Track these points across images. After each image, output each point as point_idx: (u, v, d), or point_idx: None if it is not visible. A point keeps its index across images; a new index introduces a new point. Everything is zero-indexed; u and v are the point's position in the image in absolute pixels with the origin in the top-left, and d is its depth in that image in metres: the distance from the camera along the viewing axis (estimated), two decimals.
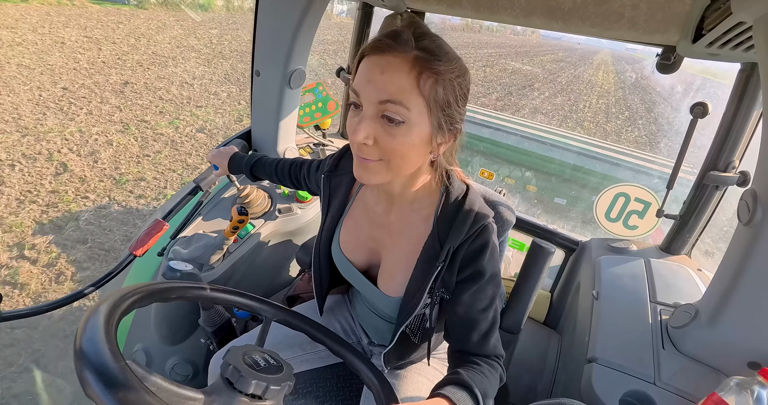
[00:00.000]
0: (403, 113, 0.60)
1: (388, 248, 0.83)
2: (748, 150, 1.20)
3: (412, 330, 0.83)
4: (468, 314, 0.75)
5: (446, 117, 0.64)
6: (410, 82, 0.59)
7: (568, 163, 3.57)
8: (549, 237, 1.66)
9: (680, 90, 23.32)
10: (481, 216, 0.72)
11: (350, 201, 0.89)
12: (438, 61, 0.60)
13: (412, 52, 0.59)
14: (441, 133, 0.65)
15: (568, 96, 13.20)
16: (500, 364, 0.76)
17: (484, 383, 0.68)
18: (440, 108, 0.62)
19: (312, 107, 1.70)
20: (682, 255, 1.39)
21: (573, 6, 0.96)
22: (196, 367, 1.29)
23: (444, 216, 0.74)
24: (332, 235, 0.90)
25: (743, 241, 0.84)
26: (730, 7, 0.71)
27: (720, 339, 0.89)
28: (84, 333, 0.45)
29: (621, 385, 0.88)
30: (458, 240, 0.71)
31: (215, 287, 0.75)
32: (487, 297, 0.75)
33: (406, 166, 0.66)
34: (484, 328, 0.75)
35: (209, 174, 1.26)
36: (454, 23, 42.89)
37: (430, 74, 0.60)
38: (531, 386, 1.42)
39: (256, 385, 0.50)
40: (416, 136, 0.63)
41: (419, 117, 0.61)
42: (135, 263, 1.26)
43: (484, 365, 0.73)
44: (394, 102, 0.59)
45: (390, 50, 0.59)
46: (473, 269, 0.73)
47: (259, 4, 1.25)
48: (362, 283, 0.87)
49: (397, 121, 0.60)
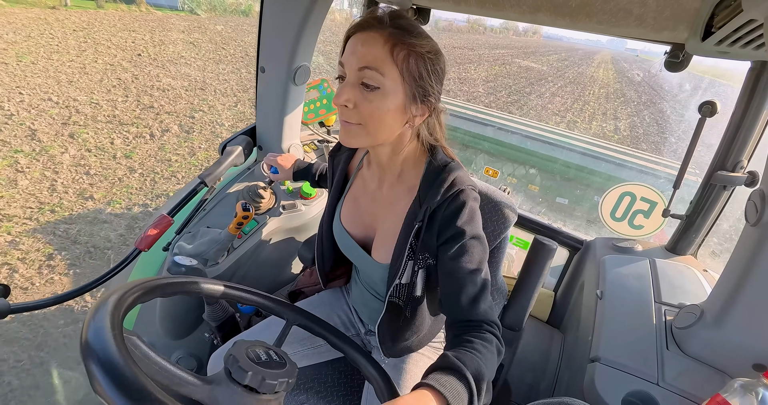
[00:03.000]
0: (379, 79, 0.69)
1: (381, 220, 0.88)
2: (756, 150, 1.18)
3: (402, 300, 0.85)
4: (454, 277, 0.75)
5: (419, 88, 0.72)
6: (385, 52, 0.68)
7: (572, 163, 3.55)
8: (553, 236, 1.66)
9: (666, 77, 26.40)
10: (459, 181, 0.77)
11: (351, 179, 0.95)
12: (410, 36, 0.69)
13: (387, 29, 0.69)
14: (415, 103, 0.73)
15: (575, 86, 15.97)
16: (495, 334, 0.72)
17: (475, 362, 0.62)
18: (413, 78, 0.70)
19: (317, 104, 1.70)
20: (687, 255, 1.38)
21: (580, 3, 0.94)
22: (200, 361, 1.30)
23: (425, 181, 0.79)
24: (334, 211, 0.96)
25: (750, 242, 0.83)
26: (740, 4, 0.69)
27: (725, 340, 0.88)
28: (90, 326, 0.45)
29: (624, 385, 0.88)
30: (435, 201, 0.75)
31: (221, 283, 0.75)
32: (473, 260, 0.75)
33: (382, 131, 0.74)
34: (473, 291, 0.74)
35: (214, 170, 1.26)
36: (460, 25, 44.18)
37: (402, 47, 0.69)
38: (533, 385, 1.42)
39: (252, 376, 0.50)
40: (390, 103, 0.71)
41: (393, 84, 0.70)
42: (140, 258, 1.27)
43: (477, 341, 0.68)
44: (371, 68, 0.68)
45: (369, 27, 0.70)
46: (452, 230, 0.75)
47: (265, 0, 1.25)
48: (358, 254, 0.92)
49: (372, 86, 0.69)
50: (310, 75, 1.43)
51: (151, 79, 6.74)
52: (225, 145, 1.42)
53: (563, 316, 1.64)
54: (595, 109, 11.85)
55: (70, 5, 13.07)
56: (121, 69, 7.06)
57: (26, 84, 5.61)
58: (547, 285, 1.80)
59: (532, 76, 16.61)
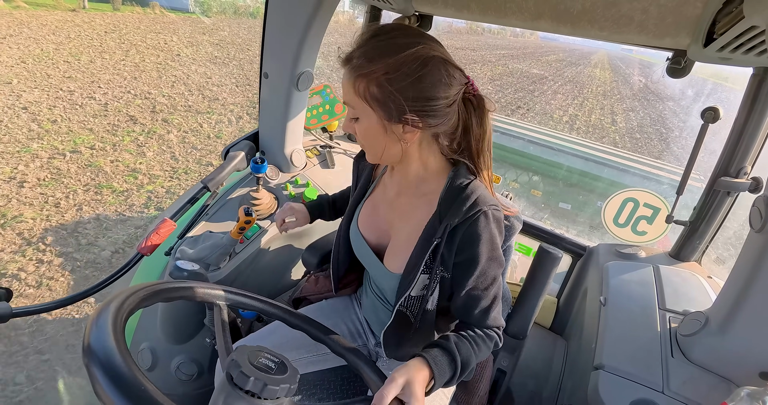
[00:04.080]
0: (354, 112, 0.78)
1: (396, 229, 0.89)
2: (760, 156, 1.18)
3: (411, 312, 0.85)
4: (470, 294, 0.80)
5: (388, 109, 0.74)
6: (351, 88, 0.75)
7: (574, 169, 3.55)
8: (556, 242, 1.65)
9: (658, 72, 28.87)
10: (482, 201, 0.77)
11: (372, 184, 0.98)
12: (367, 65, 0.72)
13: (350, 66, 0.74)
14: (391, 122, 0.75)
15: (575, 85, 17.17)
16: (498, 334, 0.83)
17: (469, 351, 0.76)
18: (379, 103, 0.74)
19: (319, 109, 1.70)
20: (692, 262, 1.37)
21: (582, 9, 0.95)
22: (201, 366, 1.30)
23: (446, 197, 0.79)
24: (353, 215, 0.98)
25: (755, 249, 0.83)
26: (742, 10, 0.70)
27: (731, 348, 0.88)
28: (92, 330, 0.46)
29: (628, 393, 0.87)
30: (456, 219, 0.76)
31: (224, 288, 0.75)
32: (488, 278, 0.80)
33: (379, 152, 0.81)
34: (485, 304, 0.80)
35: (216, 175, 1.27)
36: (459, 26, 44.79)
37: (361, 79, 0.73)
38: (536, 392, 1.40)
39: (254, 382, 0.50)
40: (369, 128, 0.78)
41: (364, 112, 0.76)
42: (142, 262, 1.27)
43: (480, 334, 0.80)
44: (348, 104, 0.78)
45: (343, 66, 0.76)
46: (470, 254, 0.77)
47: (269, 6, 1.26)
48: (371, 260, 0.93)
49: (352, 118, 0.79)
50: (313, 81, 1.43)
51: (202, 76, 7.63)
52: (228, 150, 1.42)
53: (566, 322, 1.62)
54: (594, 105, 12.89)
55: (87, 8, 13.80)
56: (170, 67, 7.96)
57: (98, 79, 6.49)
58: (550, 291, 1.79)
59: (534, 76, 17.66)
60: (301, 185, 1.56)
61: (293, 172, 1.60)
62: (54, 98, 5.36)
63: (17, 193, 3.13)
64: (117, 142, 4.35)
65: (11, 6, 11.68)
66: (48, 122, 4.56)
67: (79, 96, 5.58)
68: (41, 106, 5.03)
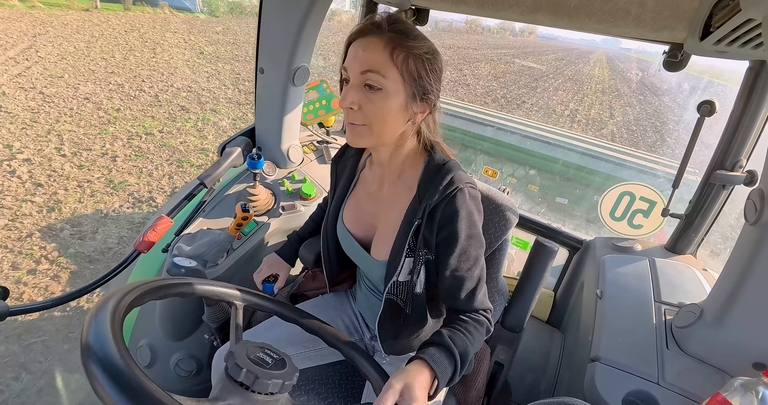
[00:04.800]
0: (381, 81, 0.73)
1: (381, 220, 0.90)
2: (755, 149, 1.18)
3: (401, 298, 0.86)
4: (454, 275, 0.80)
5: (419, 87, 0.75)
6: (386, 55, 0.72)
7: (571, 163, 3.56)
8: (553, 236, 1.66)
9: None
10: (458, 179, 0.79)
11: (353, 182, 0.97)
12: (407, 39, 0.73)
13: (386, 34, 0.73)
14: (415, 102, 0.76)
15: (575, 83, 17.83)
16: (487, 317, 0.83)
17: (465, 342, 0.75)
18: (413, 78, 0.74)
19: (316, 105, 1.70)
20: (687, 255, 1.38)
21: (579, 3, 0.95)
22: (200, 362, 1.30)
23: (424, 179, 0.81)
24: (338, 214, 0.98)
25: (750, 241, 0.84)
26: (738, 3, 0.70)
27: (725, 339, 0.89)
28: (90, 328, 0.45)
29: (624, 385, 0.88)
30: (434, 199, 0.77)
31: (219, 284, 0.75)
32: (471, 257, 0.81)
33: (386, 130, 0.77)
34: (470, 286, 0.81)
35: (213, 171, 1.26)
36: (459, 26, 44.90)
37: (401, 50, 0.72)
38: (533, 385, 1.42)
39: (245, 374, 0.50)
40: (393, 102, 0.74)
41: (394, 85, 0.73)
42: (140, 259, 1.27)
43: (470, 321, 0.80)
44: (373, 71, 0.72)
45: (369, 33, 0.73)
46: (450, 230, 0.78)
47: (264, 1, 1.25)
48: (359, 253, 0.93)
49: (375, 87, 0.73)
50: (309, 76, 1.43)
51: (231, 73, 8.13)
52: (224, 146, 1.41)
53: (563, 315, 1.64)
54: (593, 101, 13.50)
55: (99, 8, 14.61)
56: (198, 64, 8.58)
57: (138, 75, 7.06)
58: (547, 285, 1.80)
59: (535, 74, 18.60)
60: (298, 181, 1.56)
61: (290, 167, 1.60)
62: (107, 90, 6.00)
63: (113, 165, 3.79)
64: (179, 127, 5.00)
65: (27, 6, 12.40)
66: (113, 110, 5.24)
67: (129, 89, 6.23)
68: (99, 96, 5.69)
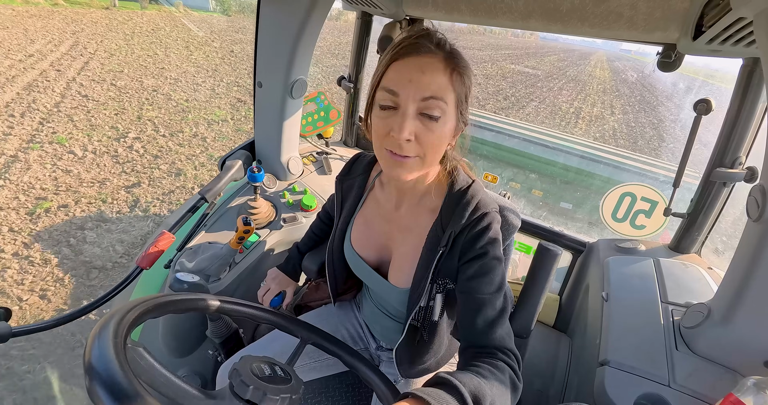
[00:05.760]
0: (443, 108, 0.66)
1: (398, 242, 0.85)
2: (754, 145, 1.18)
3: (420, 322, 0.83)
4: (473, 297, 0.72)
5: (463, 110, 0.71)
6: (446, 79, 0.66)
7: (571, 166, 3.56)
8: (555, 239, 1.65)
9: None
10: (483, 204, 0.75)
11: (361, 201, 0.92)
12: (461, 60, 0.69)
13: (442, 53, 0.66)
14: (458, 124, 0.72)
15: (577, 83, 18.57)
16: (510, 364, 0.66)
17: (474, 380, 0.57)
18: (462, 101, 0.70)
19: (314, 116, 1.71)
20: (691, 253, 1.37)
21: (571, 7, 0.96)
22: (204, 378, 1.29)
23: (448, 204, 0.77)
24: (344, 235, 0.93)
25: (754, 238, 0.83)
26: (729, 3, 0.70)
27: (734, 338, 0.88)
28: (93, 348, 0.45)
29: (635, 388, 0.87)
30: (459, 225, 0.74)
31: (223, 298, 0.75)
32: (494, 282, 0.73)
33: (436, 159, 0.72)
34: (491, 315, 0.71)
35: (214, 185, 1.26)
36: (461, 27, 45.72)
37: (459, 72, 0.68)
38: (542, 391, 1.40)
39: (253, 391, 0.49)
40: (448, 130, 0.69)
41: (451, 111, 0.68)
42: (142, 276, 1.26)
43: (485, 366, 0.63)
44: (437, 98, 0.65)
45: (426, 52, 0.66)
46: (474, 251, 0.74)
47: (260, 15, 1.27)
48: (373, 279, 0.89)
49: (436, 116, 0.66)
50: (306, 88, 1.44)
51: None
52: (224, 160, 1.42)
53: (569, 319, 1.62)
54: (595, 99, 14.18)
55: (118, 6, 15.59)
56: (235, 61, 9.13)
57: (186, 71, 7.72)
58: (551, 289, 1.79)
59: (540, 74, 19.43)
60: (298, 192, 1.56)
61: (290, 179, 1.60)
62: (168, 84, 6.62)
63: (206, 144, 4.56)
64: (244, 115, 5.56)
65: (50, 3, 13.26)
66: (182, 101, 5.83)
67: (185, 83, 6.90)
68: (164, 89, 6.30)
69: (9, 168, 3.55)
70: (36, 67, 6.59)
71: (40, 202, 3.11)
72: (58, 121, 4.73)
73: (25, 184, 3.34)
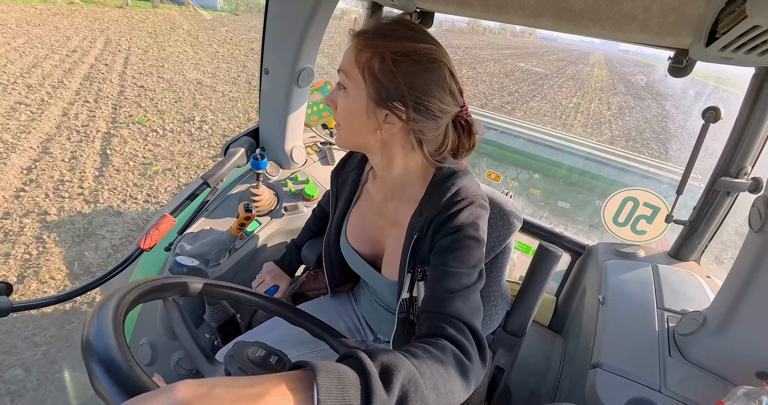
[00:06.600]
0: (344, 80, 0.72)
1: (388, 236, 0.86)
2: (760, 156, 1.18)
3: (410, 313, 0.83)
4: (438, 269, 0.69)
5: (383, 90, 0.68)
6: (353, 55, 0.70)
7: (575, 168, 3.55)
8: (555, 240, 1.65)
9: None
10: (464, 190, 0.74)
11: (356, 196, 0.93)
12: (381, 39, 0.68)
13: (359, 37, 0.70)
14: (380, 107, 0.70)
15: (576, 81, 19.27)
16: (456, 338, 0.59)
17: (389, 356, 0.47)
18: (375, 79, 0.68)
19: (320, 106, 1.70)
20: (690, 261, 1.37)
21: (584, 7, 0.95)
22: None
23: (428, 193, 0.77)
24: (340, 229, 0.95)
25: (754, 249, 0.83)
26: (745, 10, 0.69)
27: (728, 347, 0.88)
28: (91, 326, 0.45)
29: (625, 392, 0.87)
30: (436, 209, 0.73)
31: (220, 284, 0.75)
32: (463, 259, 0.69)
33: (352, 133, 0.75)
34: (454, 286, 0.66)
35: (217, 171, 1.26)
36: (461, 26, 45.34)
37: (367, 49, 0.68)
38: (534, 390, 1.41)
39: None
40: (354, 103, 0.71)
41: (356, 84, 0.70)
42: (142, 258, 1.27)
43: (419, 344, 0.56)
44: (341, 70, 0.72)
45: (354, 37, 0.72)
46: (446, 230, 0.71)
47: (269, 2, 1.26)
48: (368, 272, 0.90)
49: (341, 86, 0.73)
50: (313, 77, 1.43)
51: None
52: (228, 146, 1.42)
53: (565, 321, 1.63)
54: (593, 97, 15.00)
55: (130, 5, 15.82)
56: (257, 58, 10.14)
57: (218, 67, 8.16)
58: (549, 290, 1.80)
59: (540, 73, 20.18)
60: (301, 182, 1.56)
61: (293, 168, 1.60)
62: (208, 78, 7.08)
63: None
64: None
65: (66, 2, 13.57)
66: (227, 92, 6.35)
67: (222, 78, 7.38)
68: (206, 82, 6.79)
69: (110, 142, 4.25)
70: (84, 61, 7.20)
71: (148, 166, 3.84)
72: (128, 107, 5.33)
73: (128, 154, 4.03)
